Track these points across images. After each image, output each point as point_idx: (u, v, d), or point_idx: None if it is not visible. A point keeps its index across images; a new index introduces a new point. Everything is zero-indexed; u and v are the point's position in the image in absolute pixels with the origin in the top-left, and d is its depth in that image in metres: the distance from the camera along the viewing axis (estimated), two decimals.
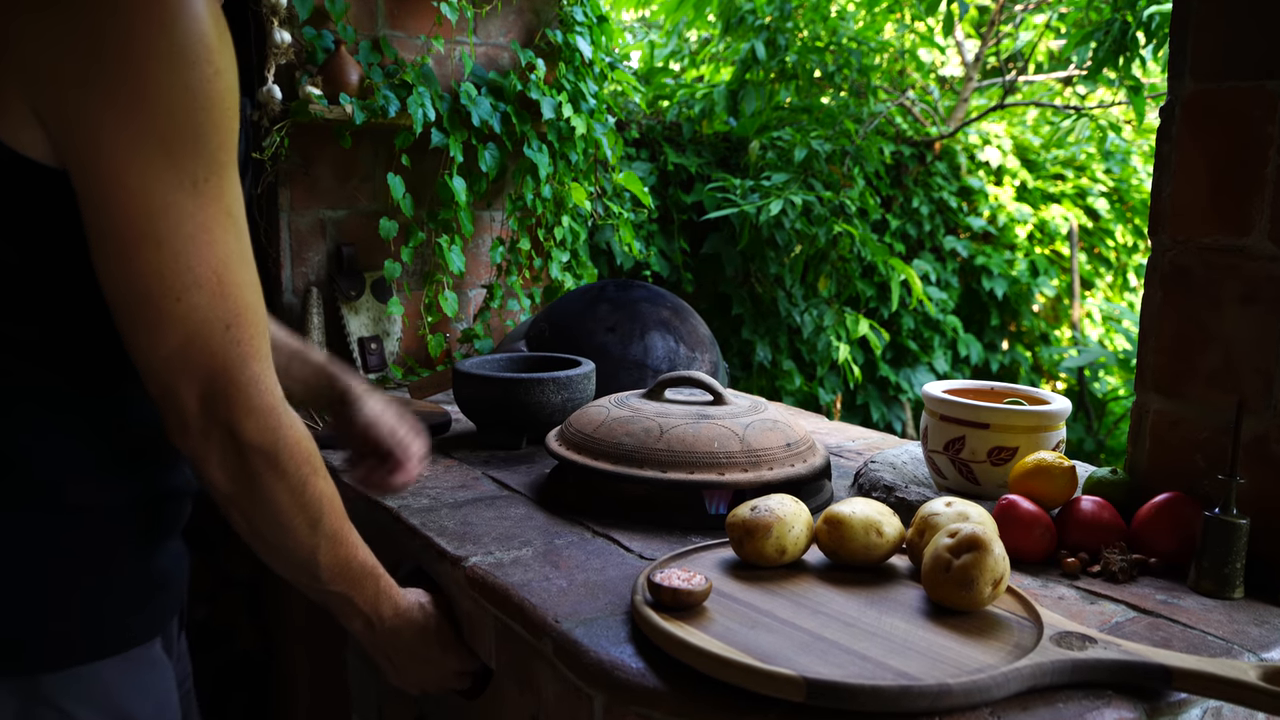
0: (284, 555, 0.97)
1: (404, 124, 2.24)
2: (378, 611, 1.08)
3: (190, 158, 0.80)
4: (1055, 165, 5.02)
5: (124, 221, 0.79)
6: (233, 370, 0.85)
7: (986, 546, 0.99)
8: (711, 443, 1.32)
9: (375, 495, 1.40)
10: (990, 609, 1.01)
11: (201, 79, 0.79)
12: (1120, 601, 1.09)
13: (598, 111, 2.51)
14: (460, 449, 1.73)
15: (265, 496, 0.90)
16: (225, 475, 0.88)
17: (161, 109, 0.78)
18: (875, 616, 1.00)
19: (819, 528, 1.13)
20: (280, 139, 2.14)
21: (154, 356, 0.84)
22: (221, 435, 0.86)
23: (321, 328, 2.25)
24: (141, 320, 0.82)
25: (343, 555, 1.00)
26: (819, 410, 3.80)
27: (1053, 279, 4.80)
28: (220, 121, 0.81)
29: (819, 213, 3.48)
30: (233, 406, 0.86)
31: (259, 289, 0.88)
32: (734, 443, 1.32)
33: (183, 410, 0.85)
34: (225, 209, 0.83)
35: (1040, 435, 1.34)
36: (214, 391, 0.85)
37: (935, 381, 1.49)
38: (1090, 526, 1.20)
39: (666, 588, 0.98)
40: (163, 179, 0.79)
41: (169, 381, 0.85)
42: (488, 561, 1.19)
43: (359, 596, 1.05)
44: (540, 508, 1.40)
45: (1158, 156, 1.27)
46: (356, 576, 1.03)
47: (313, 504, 0.94)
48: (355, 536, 1.02)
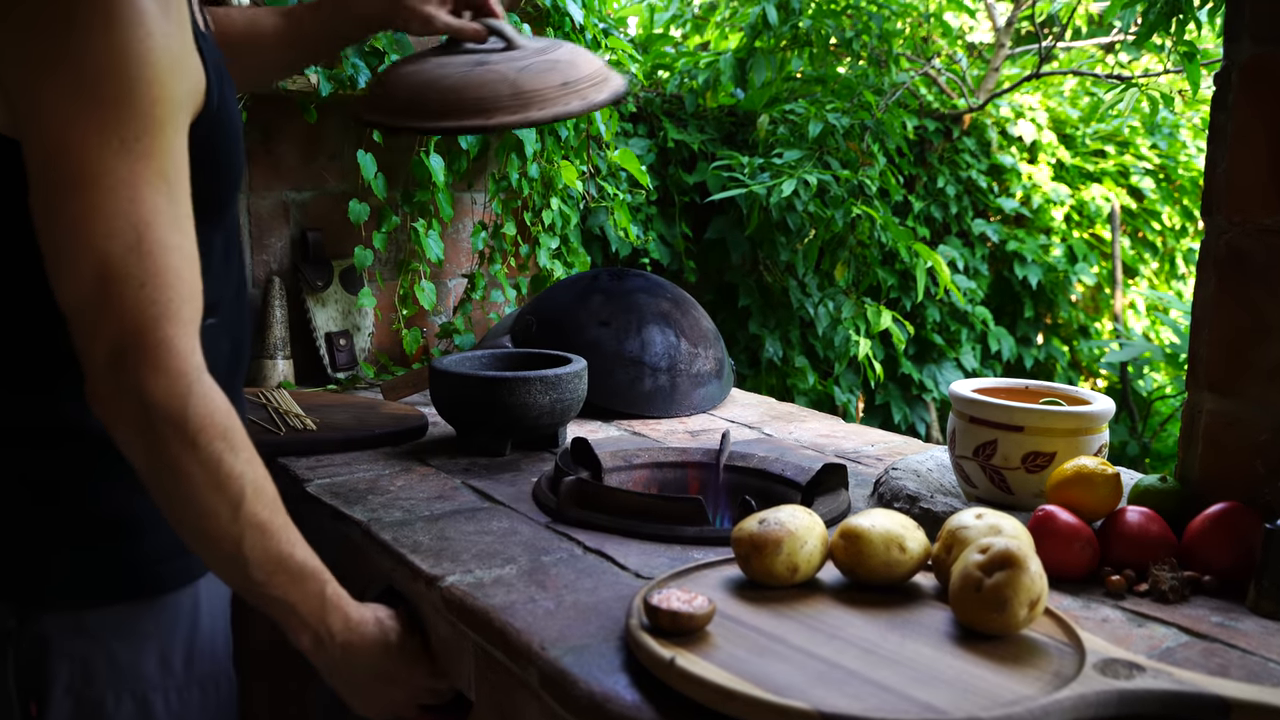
0: (209, 546, 0.97)
1: None
2: (326, 624, 1.06)
3: (119, 115, 0.89)
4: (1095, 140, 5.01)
5: (53, 173, 0.88)
6: (144, 330, 0.89)
7: (1021, 563, 0.98)
8: (481, 88, 1.37)
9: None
10: (1026, 633, 1.00)
11: (132, 40, 0.89)
12: (1171, 624, 1.07)
13: None
14: (437, 456, 1.72)
15: (175, 468, 0.92)
16: (133, 441, 0.92)
17: (89, 67, 0.88)
18: (897, 642, 0.98)
19: (835, 543, 1.12)
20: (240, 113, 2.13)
21: (69, 308, 0.90)
22: (129, 397, 0.90)
23: (284, 322, 2.24)
24: (57, 269, 0.90)
25: (274, 550, 0.99)
26: (835, 411, 3.79)
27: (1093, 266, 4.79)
28: (153, 81, 0.90)
29: (835, 193, 3.47)
30: (140, 365, 0.90)
31: (192, 258, 0.93)
32: (504, 87, 1.38)
33: (92, 366, 0.91)
34: (158, 170, 0.91)
35: (1081, 439, 1.32)
36: (122, 348, 0.89)
37: (963, 380, 1.48)
38: (1137, 540, 1.18)
39: (665, 610, 0.97)
40: (91, 134, 0.88)
41: (80, 335, 0.90)
42: (467, 581, 1.18)
43: (302, 603, 1.04)
44: (526, 521, 1.39)
45: (1212, 128, 1.25)
46: (295, 577, 1.02)
47: (230, 485, 0.94)
48: (292, 533, 1.02)
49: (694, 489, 1.59)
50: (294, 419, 1.82)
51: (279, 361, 2.21)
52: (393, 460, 1.69)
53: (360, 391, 2.25)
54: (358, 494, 1.50)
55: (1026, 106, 4.76)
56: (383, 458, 1.70)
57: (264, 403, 1.94)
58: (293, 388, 2.21)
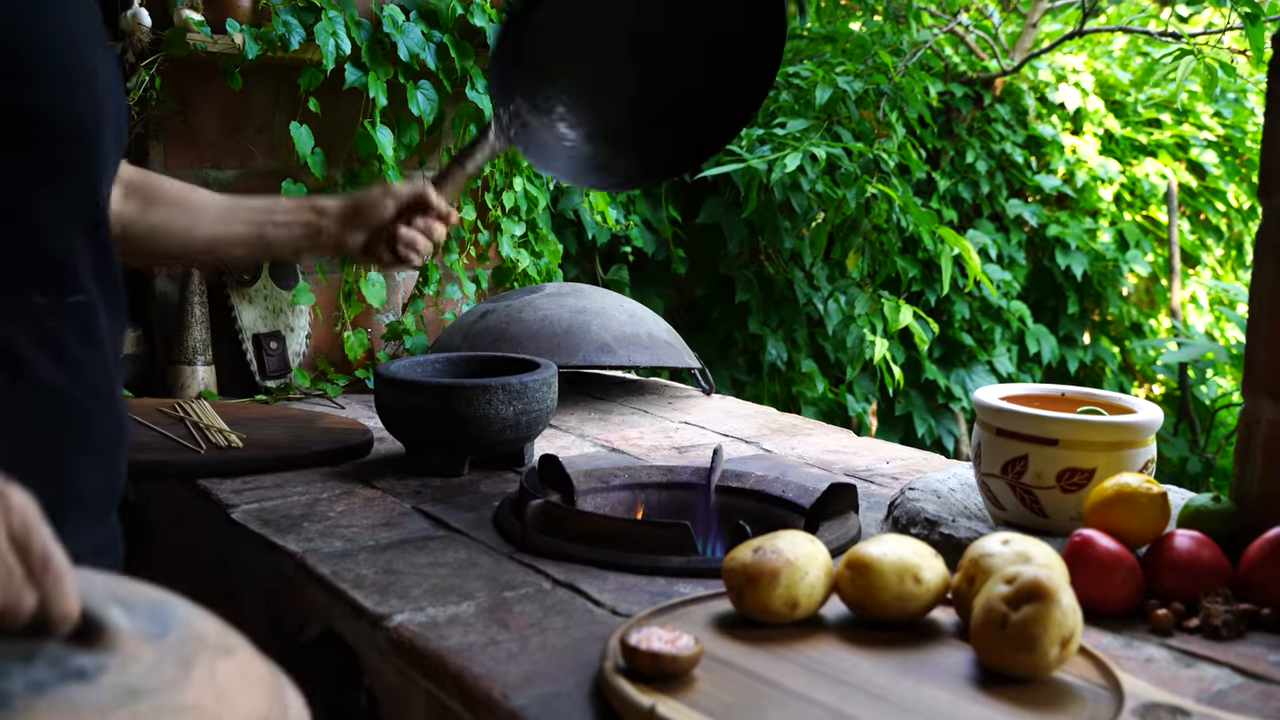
0: None
1: (311, 59, 2.24)
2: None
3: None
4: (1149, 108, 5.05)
5: None
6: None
7: (1053, 596, 0.99)
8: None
9: (417, 261, 1.56)
10: (1057, 675, 1.02)
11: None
12: (1224, 664, 1.10)
13: None
14: (384, 476, 1.73)
15: None
16: None
17: None
18: (911, 687, 1.00)
19: (840, 574, 1.14)
20: (150, 78, 2.14)
21: None
22: None
23: (205, 322, 2.25)
24: None
25: None
26: (847, 424, 3.82)
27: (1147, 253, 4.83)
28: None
29: (847, 170, 3.49)
30: None
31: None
32: None
33: None
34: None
35: (1124, 454, 1.35)
36: None
37: (991, 386, 1.51)
38: (1186, 569, 1.20)
39: (645, 652, 0.99)
40: None
41: None
42: (418, 620, 1.19)
43: None
44: (486, 551, 1.40)
45: (1270, 97, 1.28)
46: None
47: None
48: None
49: (681, 513, 1.60)
50: (216, 434, 1.83)
51: (199, 368, 2.22)
52: (332, 482, 1.70)
53: (294, 403, 2.26)
54: (291, 521, 1.51)
55: (1069, 69, 4.79)
56: (320, 479, 1.72)
57: (181, 416, 1.95)
58: (215, 398, 2.22)
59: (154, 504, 1.88)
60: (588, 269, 3.37)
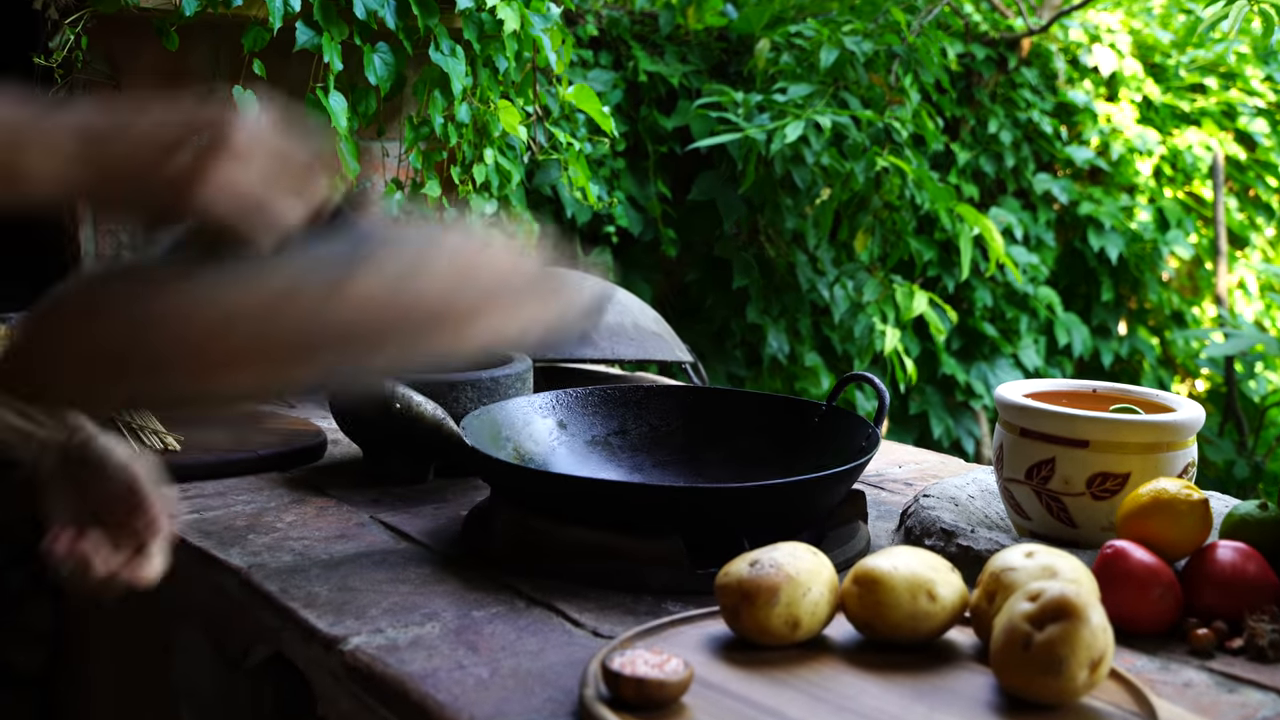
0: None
1: (256, 16, 2.23)
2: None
3: None
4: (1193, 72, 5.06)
5: None
6: None
7: (1080, 614, 1.00)
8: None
9: (101, 593, 1.25)
10: (1087, 701, 1.02)
11: None
12: (1270, 689, 1.10)
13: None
14: (339, 483, 1.73)
15: None
16: None
17: None
18: (924, 715, 1.01)
19: (847, 590, 1.14)
20: (75, 37, 2.13)
21: None
22: None
23: None
24: None
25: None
26: None
27: (1189, 234, 4.84)
28: None
29: (855, 141, 3.50)
30: None
31: None
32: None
33: None
34: None
35: (1161, 456, 1.35)
36: None
37: (1015, 381, 1.51)
38: (1229, 584, 1.21)
39: (629, 678, 0.99)
40: None
41: None
42: (376, 643, 1.19)
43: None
44: (452, 567, 1.40)
45: None
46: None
47: None
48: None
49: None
50: (150, 436, 1.83)
51: None
52: (281, 489, 1.70)
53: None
54: (235, 533, 1.51)
55: (1104, 28, 4.79)
56: (268, 486, 1.71)
57: (110, 416, 1.94)
58: None
59: None
60: (567, 251, 3.37)
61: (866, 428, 1.52)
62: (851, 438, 1.53)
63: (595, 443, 1.67)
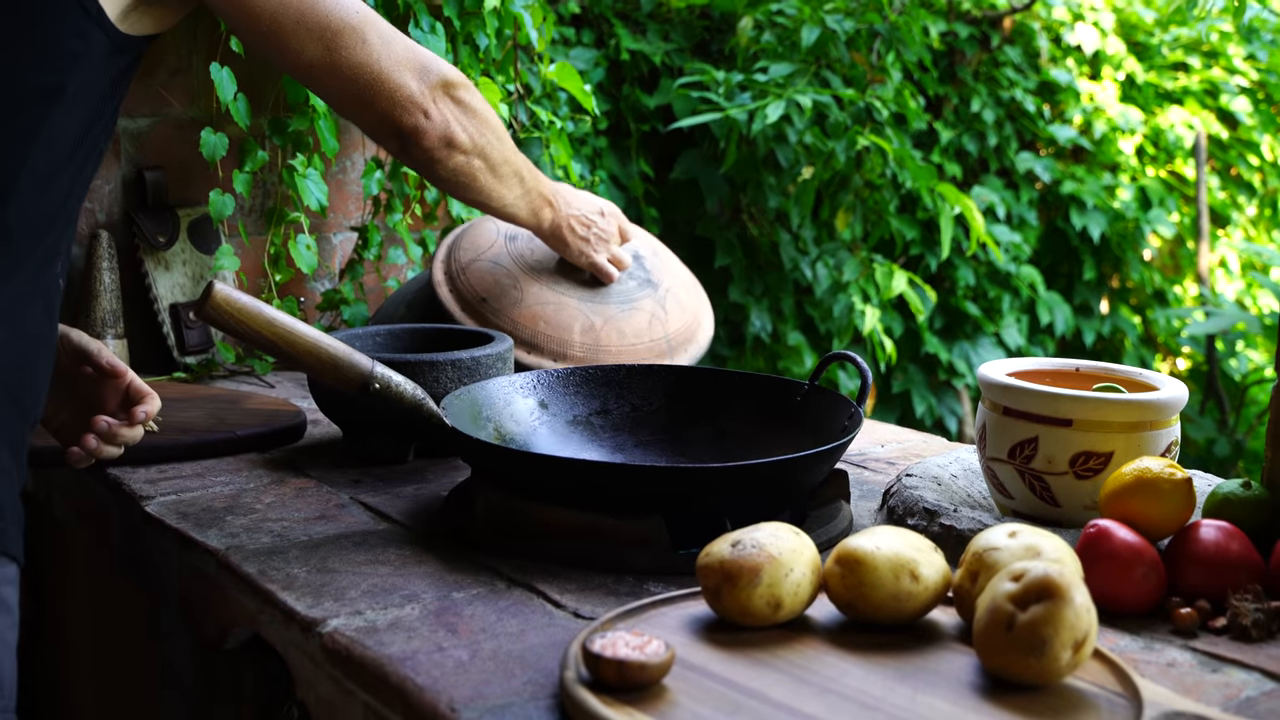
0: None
1: None
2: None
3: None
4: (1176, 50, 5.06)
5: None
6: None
7: (1064, 594, 1.00)
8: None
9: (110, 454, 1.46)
10: (1069, 681, 1.02)
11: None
12: (1254, 668, 1.10)
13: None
14: (318, 464, 1.72)
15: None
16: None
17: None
18: (908, 696, 1.00)
19: (829, 570, 1.14)
20: None
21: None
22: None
23: (115, 290, 2.23)
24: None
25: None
26: None
27: (1171, 213, 4.85)
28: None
29: (837, 119, 3.49)
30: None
31: None
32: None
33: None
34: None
35: (1144, 435, 1.35)
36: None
37: (998, 360, 1.51)
38: (1213, 563, 1.21)
39: (609, 659, 0.99)
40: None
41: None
42: (355, 625, 1.18)
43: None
44: (432, 548, 1.40)
45: None
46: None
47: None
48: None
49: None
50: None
51: (109, 342, 2.20)
52: (260, 470, 1.69)
53: (218, 381, 2.25)
54: (213, 514, 1.50)
55: (1087, 6, 4.79)
56: (247, 466, 1.71)
57: None
58: None
59: (56, 495, 1.87)
60: None
61: (849, 407, 1.52)
62: (834, 417, 1.53)
63: (577, 422, 1.66)
